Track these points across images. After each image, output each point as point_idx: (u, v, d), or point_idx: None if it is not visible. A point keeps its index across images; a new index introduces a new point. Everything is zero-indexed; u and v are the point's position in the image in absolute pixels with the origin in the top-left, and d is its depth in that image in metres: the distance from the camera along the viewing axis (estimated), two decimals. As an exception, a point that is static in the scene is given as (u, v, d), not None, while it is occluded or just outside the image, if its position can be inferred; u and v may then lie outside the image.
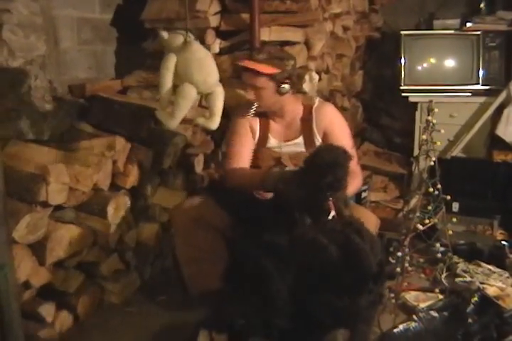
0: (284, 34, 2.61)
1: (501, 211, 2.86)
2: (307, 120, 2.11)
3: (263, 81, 1.99)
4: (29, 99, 1.96)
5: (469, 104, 3.31)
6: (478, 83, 3.31)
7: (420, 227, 2.13)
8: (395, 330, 1.89)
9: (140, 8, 2.63)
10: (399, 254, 2.13)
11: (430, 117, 2.18)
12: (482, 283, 2.22)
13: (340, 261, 1.48)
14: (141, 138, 2.26)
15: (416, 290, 2.22)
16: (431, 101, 2.22)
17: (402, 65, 3.41)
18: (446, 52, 3.41)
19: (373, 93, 4.10)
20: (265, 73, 1.96)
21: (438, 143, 2.18)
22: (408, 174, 3.36)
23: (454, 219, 2.36)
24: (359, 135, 3.92)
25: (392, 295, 2.10)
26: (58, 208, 1.95)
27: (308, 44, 2.71)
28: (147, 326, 2.01)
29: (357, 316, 1.53)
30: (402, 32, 3.43)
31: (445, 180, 2.21)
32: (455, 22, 3.44)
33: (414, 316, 1.96)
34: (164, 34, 1.94)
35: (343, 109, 3.37)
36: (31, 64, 2.13)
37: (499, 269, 2.37)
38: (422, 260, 2.47)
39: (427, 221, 2.16)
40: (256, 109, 2.08)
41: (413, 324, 1.92)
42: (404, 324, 1.92)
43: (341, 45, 3.32)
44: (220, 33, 2.64)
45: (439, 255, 2.26)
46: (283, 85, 2.01)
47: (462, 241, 2.59)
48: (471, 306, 1.99)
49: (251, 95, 2.03)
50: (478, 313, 1.96)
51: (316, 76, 2.74)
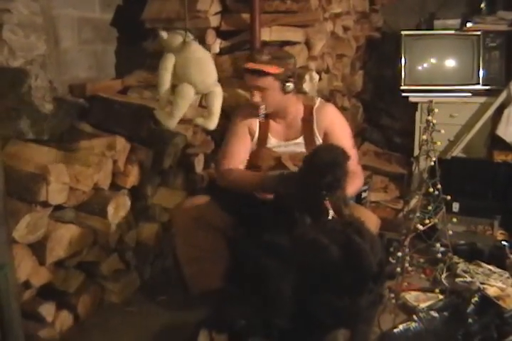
0: (285, 34, 2.61)
1: (502, 211, 2.86)
2: (308, 120, 2.11)
3: (269, 81, 1.99)
4: (29, 99, 1.96)
5: (470, 104, 3.30)
6: (478, 83, 3.31)
7: (420, 227, 2.13)
8: (395, 330, 1.89)
9: (140, 8, 2.64)
10: (399, 254, 2.13)
11: (430, 117, 2.18)
12: (482, 284, 2.22)
13: (340, 261, 1.48)
14: (141, 138, 2.26)
15: (416, 290, 2.22)
16: (431, 101, 2.23)
17: (403, 65, 3.41)
18: (446, 52, 3.40)
19: (373, 93, 4.09)
20: (271, 73, 1.97)
21: (438, 143, 2.18)
22: (408, 174, 3.36)
23: (454, 219, 2.35)
24: (359, 135, 3.92)
25: (392, 295, 2.10)
26: (58, 208, 1.95)
27: (308, 44, 2.71)
28: (147, 326, 2.01)
29: (357, 316, 1.53)
30: (403, 32, 3.43)
31: (445, 180, 2.21)
32: (455, 22, 3.45)
33: (414, 316, 1.95)
34: (163, 34, 1.94)
35: (344, 109, 3.37)
36: (31, 64, 2.13)
37: (499, 269, 2.37)
38: (422, 260, 2.47)
39: (427, 221, 2.16)
40: (263, 111, 2.07)
41: (413, 324, 1.91)
42: (404, 324, 1.92)
43: (342, 45, 3.32)
44: (221, 33, 2.64)
45: (440, 255, 2.26)
46: (288, 84, 2.01)
47: (462, 241, 2.58)
48: (472, 306, 1.98)
49: (257, 98, 2.02)
50: (478, 313, 1.96)
51: (317, 76, 2.74)
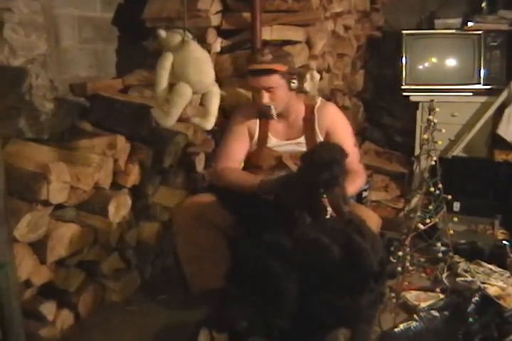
0: (286, 33, 2.61)
1: (502, 210, 2.86)
2: (309, 120, 2.11)
3: (276, 80, 1.99)
4: (30, 98, 1.96)
5: (470, 104, 3.30)
6: (479, 82, 3.30)
7: (421, 227, 2.13)
8: (396, 330, 1.89)
9: (141, 7, 2.64)
10: (400, 254, 2.13)
11: (431, 116, 2.18)
12: (483, 283, 2.22)
13: (341, 261, 1.48)
14: (142, 137, 2.26)
15: (417, 289, 2.22)
16: (432, 100, 2.23)
17: (403, 64, 3.40)
18: (447, 51, 3.40)
19: (374, 92, 4.09)
20: (278, 70, 1.97)
21: (439, 142, 2.18)
22: (409, 173, 3.35)
23: (455, 218, 2.35)
24: (360, 134, 3.92)
25: (393, 294, 2.10)
26: (59, 207, 1.95)
27: (309, 43, 2.71)
28: (148, 325, 2.01)
29: (358, 315, 1.53)
30: (404, 31, 3.42)
31: (446, 180, 2.21)
32: (456, 21, 3.44)
33: (415, 315, 1.95)
34: (162, 33, 1.94)
35: (344, 108, 3.37)
36: (32, 63, 2.13)
37: (500, 269, 2.37)
38: (423, 259, 2.48)
39: (428, 220, 2.16)
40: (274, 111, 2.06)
41: (414, 323, 1.91)
42: (405, 323, 1.91)
43: (342, 44, 3.31)
44: (222, 32, 2.64)
45: (440, 254, 2.26)
46: (293, 81, 2.02)
47: (463, 240, 2.58)
48: (472, 306, 1.98)
49: (267, 98, 2.02)
50: (479, 313, 1.96)
51: (317, 75, 2.74)
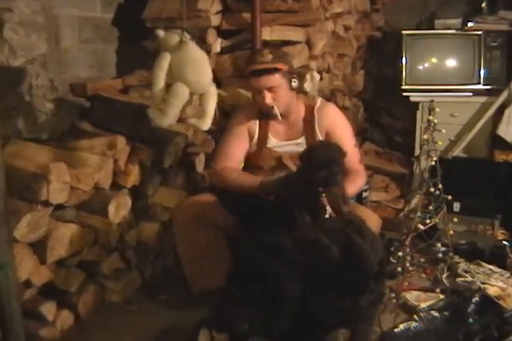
0: (286, 33, 2.61)
1: (502, 211, 2.86)
2: (309, 120, 2.11)
3: (278, 79, 1.99)
4: (30, 98, 1.96)
5: (470, 104, 3.30)
6: (479, 83, 3.30)
7: (421, 227, 2.13)
8: (396, 330, 1.88)
9: (141, 7, 2.64)
10: (400, 254, 2.13)
11: (431, 117, 2.18)
12: (483, 283, 2.22)
13: (341, 261, 1.48)
14: (142, 137, 2.26)
15: (417, 289, 2.22)
16: (432, 100, 2.23)
17: (404, 65, 3.40)
18: (447, 51, 3.40)
19: (374, 92, 4.09)
20: (280, 69, 1.97)
21: (439, 142, 2.18)
22: (409, 174, 3.35)
23: (455, 218, 2.35)
24: (360, 134, 3.92)
25: (393, 294, 2.10)
26: (59, 207, 1.95)
27: (309, 43, 2.71)
28: (148, 325, 2.01)
29: (358, 316, 1.53)
30: (404, 31, 3.42)
31: (446, 180, 2.21)
32: (456, 21, 3.44)
33: (415, 316, 1.95)
34: (160, 33, 1.94)
35: (344, 109, 3.37)
36: (32, 63, 2.13)
37: (500, 269, 2.37)
38: (423, 260, 2.47)
39: (428, 221, 2.16)
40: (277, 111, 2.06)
41: (414, 324, 1.91)
42: (405, 323, 1.91)
43: (342, 45, 3.31)
44: (222, 32, 2.64)
45: (440, 255, 2.26)
46: (293, 80, 2.02)
47: (463, 241, 2.59)
48: (472, 306, 1.98)
49: (269, 99, 2.01)
50: (479, 313, 1.96)
51: (317, 75, 2.74)
